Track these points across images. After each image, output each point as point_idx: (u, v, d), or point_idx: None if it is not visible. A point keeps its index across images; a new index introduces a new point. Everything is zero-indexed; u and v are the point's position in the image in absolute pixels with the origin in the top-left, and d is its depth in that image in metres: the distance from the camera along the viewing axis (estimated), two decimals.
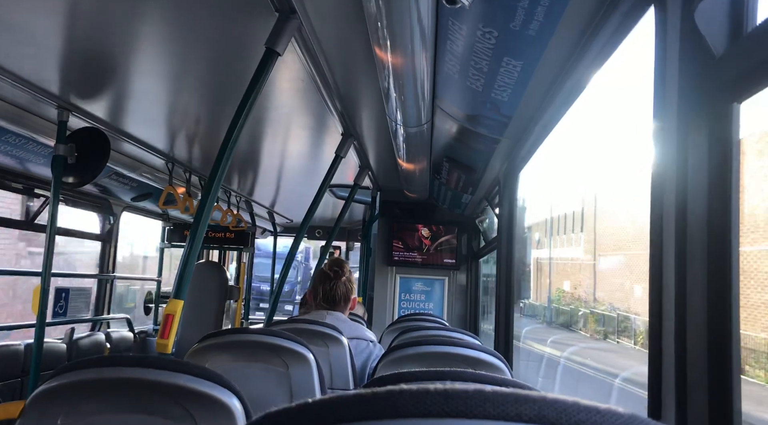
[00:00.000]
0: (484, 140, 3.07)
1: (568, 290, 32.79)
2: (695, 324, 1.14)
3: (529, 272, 37.27)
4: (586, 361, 16.63)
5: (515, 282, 3.60)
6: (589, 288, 31.08)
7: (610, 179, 35.68)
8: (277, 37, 2.00)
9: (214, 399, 1.17)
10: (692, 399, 1.14)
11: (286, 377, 1.87)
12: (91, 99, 3.26)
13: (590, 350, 19.84)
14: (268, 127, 3.72)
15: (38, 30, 2.37)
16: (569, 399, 0.40)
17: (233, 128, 2.03)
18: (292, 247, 3.81)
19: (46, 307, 3.19)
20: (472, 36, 1.88)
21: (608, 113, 55.38)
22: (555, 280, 34.67)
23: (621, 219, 27.48)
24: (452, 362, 1.69)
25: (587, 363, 16.39)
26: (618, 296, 26.19)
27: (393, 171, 4.57)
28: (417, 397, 0.41)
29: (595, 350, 19.88)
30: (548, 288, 33.89)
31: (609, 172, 47.50)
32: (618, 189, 28.58)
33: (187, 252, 2.03)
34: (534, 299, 35.12)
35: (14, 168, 4.15)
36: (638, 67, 27.67)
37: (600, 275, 30.58)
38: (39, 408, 1.20)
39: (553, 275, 35.30)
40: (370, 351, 2.57)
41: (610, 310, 25.00)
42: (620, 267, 27.58)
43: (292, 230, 8.85)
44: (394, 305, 5.89)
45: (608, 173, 49.00)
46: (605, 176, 45.60)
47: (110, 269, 5.76)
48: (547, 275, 35.91)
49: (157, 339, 1.98)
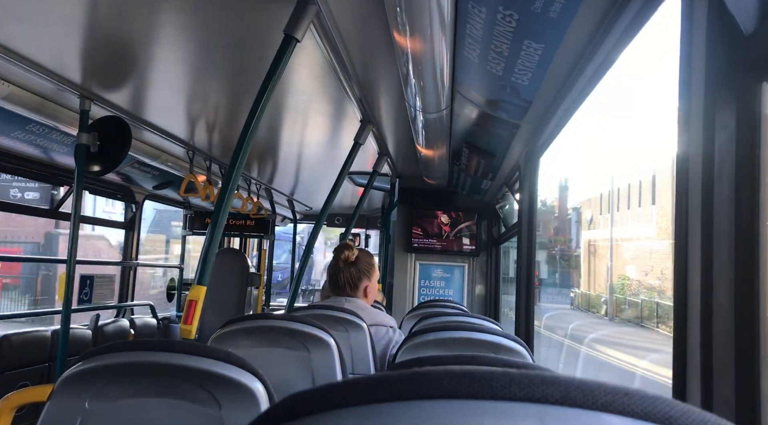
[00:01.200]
0: (504, 125, 3.05)
1: (634, 278, 27.26)
2: (721, 308, 1.13)
3: (577, 257, 34.61)
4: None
5: (554, 268, 3.58)
6: (666, 274, 24.43)
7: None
8: (296, 23, 1.99)
9: (239, 383, 1.19)
10: (718, 385, 1.13)
11: (307, 362, 1.89)
12: (113, 88, 3.29)
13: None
14: (287, 114, 3.72)
15: (59, 20, 2.39)
16: (596, 381, 0.40)
17: (252, 115, 2.04)
18: (311, 234, 3.83)
19: (72, 294, 3.24)
20: (491, 19, 1.86)
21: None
22: (616, 265, 28.55)
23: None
24: (473, 347, 1.69)
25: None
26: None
27: (412, 158, 4.55)
28: (443, 378, 0.41)
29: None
30: (608, 275, 28.15)
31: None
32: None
33: (209, 239, 2.05)
34: (586, 288, 30.93)
35: (39, 157, 4.21)
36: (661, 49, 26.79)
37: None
38: (67, 391, 1.22)
39: (613, 260, 28.93)
40: (390, 338, 2.57)
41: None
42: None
43: (312, 218, 8.88)
44: (414, 292, 5.90)
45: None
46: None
47: (133, 256, 5.83)
48: (604, 259, 29.92)
49: (180, 324, 2.01)
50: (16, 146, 3.82)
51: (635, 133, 52.99)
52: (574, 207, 42.01)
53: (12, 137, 3.65)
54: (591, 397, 0.39)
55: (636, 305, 23.93)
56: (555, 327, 20.34)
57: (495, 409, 0.39)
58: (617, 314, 25.21)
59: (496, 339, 1.70)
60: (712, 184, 1.14)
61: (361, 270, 2.65)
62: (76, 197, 3.23)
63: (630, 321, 23.53)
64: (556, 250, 40.66)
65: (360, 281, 2.63)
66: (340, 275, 2.62)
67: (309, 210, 8.68)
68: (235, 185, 2.10)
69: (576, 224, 39.89)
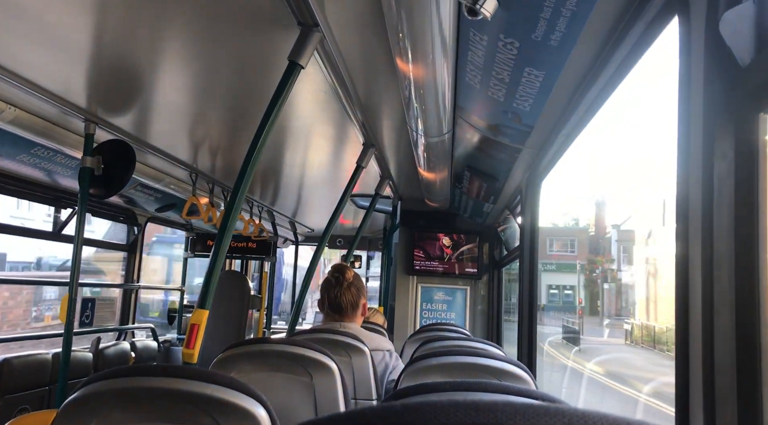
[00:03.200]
0: (505, 150, 3.07)
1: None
2: (723, 333, 1.13)
3: (621, 281, 32.62)
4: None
5: (595, 294, 3.55)
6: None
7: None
8: (300, 49, 2.02)
9: (242, 409, 1.19)
10: (720, 411, 1.12)
11: (310, 387, 1.88)
12: (117, 112, 3.33)
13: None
14: (291, 137, 3.75)
15: (64, 45, 2.42)
16: (599, 412, 0.41)
17: (257, 140, 2.06)
18: (313, 257, 3.83)
19: (74, 316, 3.24)
20: (493, 47, 1.89)
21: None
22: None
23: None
24: (476, 372, 1.68)
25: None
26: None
27: (414, 180, 4.57)
28: (447, 409, 0.41)
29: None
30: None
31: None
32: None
33: (213, 262, 2.05)
34: (645, 318, 25.39)
35: (43, 180, 4.24)
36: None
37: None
38: (71, 416, 1.22)
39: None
40: (387, 362, 2.53)
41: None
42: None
43: (314, 240, 8.88)
44: (416, 315, 5.88)
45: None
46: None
47: (135, 279, 5.83)
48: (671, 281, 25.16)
49: (182, 348, 2.00)
50: (21, 168, 3.84)
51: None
52: (614, 225, 40.28)
53: (17, 160, 3.68)
54: None
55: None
56: (625, 376, 15.52)
57: None
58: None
59: (499, 364, 1.70)
60: (711, 212, 1.15)
61: (359, 289, 2.63)
62: (80, 220, 3.24)
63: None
64: (596, 273, 38.89)
65: (359, 300, 2.61)
66: (343, 298, 2.56)
67: (311, 232, 8.68)
68: (239, 208, 2.11)
69: (617, 242, 38.22)
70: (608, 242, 41.00)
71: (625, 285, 35.19)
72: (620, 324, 28.89)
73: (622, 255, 37.77)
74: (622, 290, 35.25)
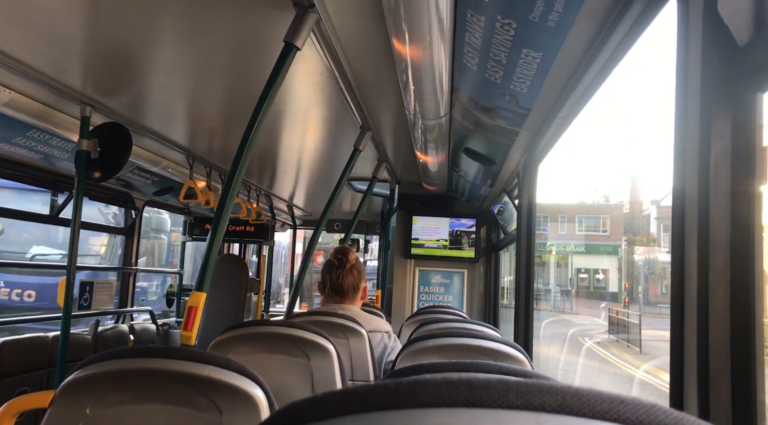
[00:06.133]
0: (503, 132, 3.06)
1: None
2: (718, 314, 1.14)
3: (661, 266, 29.68)
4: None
5: (631, 281, 3.53)
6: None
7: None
8: (296, 31, 2.01)
9: (239, 390, 1.19)
10: (715, 390, 1.13)
11: (307, 368, 1.90)
12: (113, 95, 3.31)
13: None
14: (287, 120, 3.73)
15: (60, 27, 2.40)
16: (593, 389, 0.41)
17: (253, 122, 2.05)
18: (311, 240, 3.84)
19: (72, 299, 3.25)
20: (490, 28, 1.88)
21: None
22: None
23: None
24: (472, 354, 1.69)
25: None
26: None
27: (411, 164, 4.57)
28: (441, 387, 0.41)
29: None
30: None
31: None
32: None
33: (210, 245, 2.05)
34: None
35: (39, 164, 4.22)
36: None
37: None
38: (68, 397, 1.23)
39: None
40: (385, 344, 2.55)
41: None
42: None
43: (311, 223, 8.88)
44: (413, 298, 5.91)
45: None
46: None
47: (133, 262, 5.84)
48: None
49: (180, 330, 2.01)
50: (17, 151, 3.83)
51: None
52: (654, 200, 36.85)
53: (13, 143, 3.66)
54: (587, 405, 0.40)
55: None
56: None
57: (492, 417, 0.40)
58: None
59: (495, 345, 1.71)
60: (708, 193, 1.15)
61: (361, 272, 2.63)
62: (76, 203, 3.23)
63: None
64: (637, 255, 35.47)
65: (360, 283, 2.62)
66: (345, 280, 2.57)
67: (308, 216, 8.68)
68: (236, 191, 2.11)
69: (657, 220, 35.35)
70: (646, 220, 38.43)
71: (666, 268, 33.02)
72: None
73: (662, 234, 35.56)
74: (665, 275, 32.97)
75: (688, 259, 1.22)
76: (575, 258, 38.24)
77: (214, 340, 1.91)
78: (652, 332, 19.14)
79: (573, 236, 39.15)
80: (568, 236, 39.56)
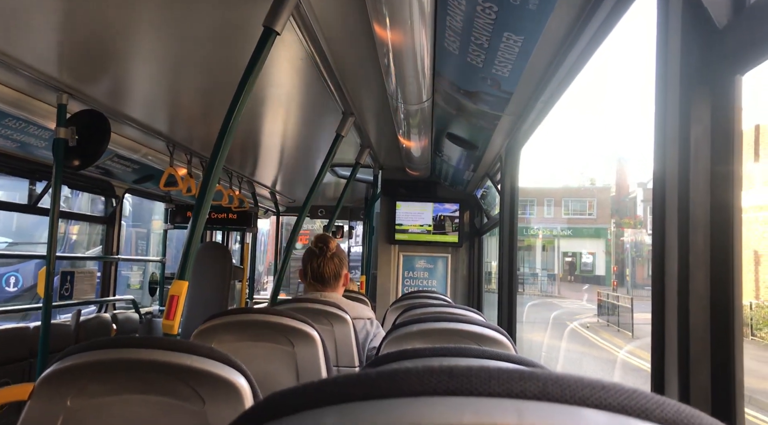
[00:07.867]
0: (485, 117, 3.06)
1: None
2: (698, 297, 1.15)
3: (647, 248, 30.45)
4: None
5: (618, 264, 3.55)
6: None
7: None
8: (275, 15, 1.98)
9: (222, 379, 1.19)
10: (695, 373, 1.15)
11: (292, 356, 1.89)
12: (90, 82, 3.25)
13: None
14: (269, 106, 3.70)
15: (35, 13, 2.35)
16: (574, 375, 0.41)
17: (233, 108, 2.03)
18: (294, 227, 3.82)
19: (52, 289, 3.21)
20: (471, 11, 1.86)
21: None
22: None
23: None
24: (457, 338, 1.70)
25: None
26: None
27: (394, 149, 4.55)
28: (421, 376, 0.41)
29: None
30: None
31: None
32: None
33: (191, 233, 2.03)
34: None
35: (15, 153, 4.15)
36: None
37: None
38: (48, 389, 1.21)
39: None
40: (368, 330, 2.55)
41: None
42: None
43: (295, 210, 8.85)
44: (398, 284, 5.93)
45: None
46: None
47: (114, 251, 5.78)
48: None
49: (162, 320, 2.00)
50: None
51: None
52: (640, 183, 36.74)
53: None
54: (569, 391, 0.39)
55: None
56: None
57: (474, 405, 0.39)
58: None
59: (479, 329, 1.71)
60: (688, 176, 1.16)
61: (342, 259, 2.63)
62: (55, 192, 3.19)
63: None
64: (625, 237, 35.71)
65: (342, 271, 2.61)
66: (326, 268, 2.56)
67: (292, 202, 8.65)
68: (217, 177, 2.09)
69: (643, 203, 35.34)
70: (633, 202, 38.47)
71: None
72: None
73: (648, 217, 35.10)
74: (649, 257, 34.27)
75: (669, 241, 1.23)
76: (562, 241, 38.42)
77: (197, 329, 1.89)
78: (641, 315, 17.73)
79: (559, 220, 39.31)
80: (555, 219, 39.71)
